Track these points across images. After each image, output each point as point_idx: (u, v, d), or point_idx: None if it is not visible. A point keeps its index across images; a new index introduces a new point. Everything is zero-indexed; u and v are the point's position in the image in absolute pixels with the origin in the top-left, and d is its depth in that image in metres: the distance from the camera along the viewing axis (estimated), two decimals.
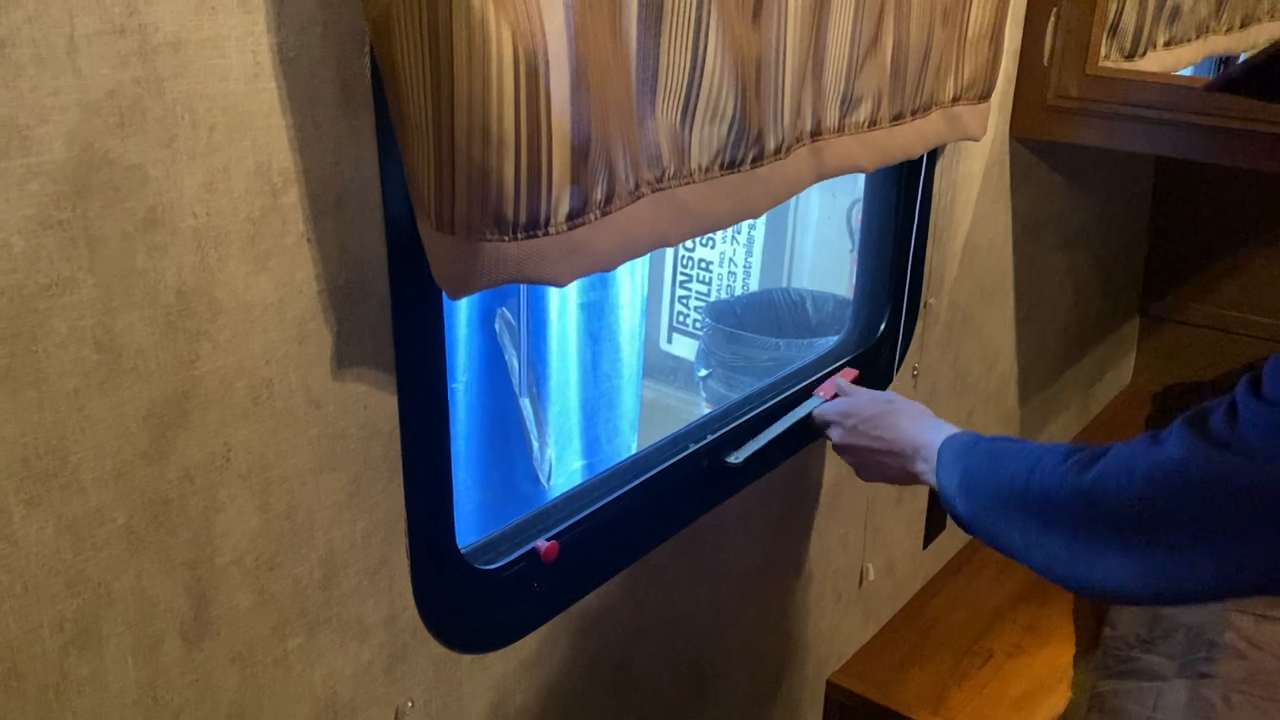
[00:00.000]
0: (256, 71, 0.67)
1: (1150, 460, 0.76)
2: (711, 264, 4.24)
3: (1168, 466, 0.74)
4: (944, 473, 1.05)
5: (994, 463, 0.96)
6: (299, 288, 0.73)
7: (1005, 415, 1.92)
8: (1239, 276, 2.36)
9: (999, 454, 0.96)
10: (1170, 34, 1.86)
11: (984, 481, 0.97)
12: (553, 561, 1.02)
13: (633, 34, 0.82)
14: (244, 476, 0.74)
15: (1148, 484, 0.75)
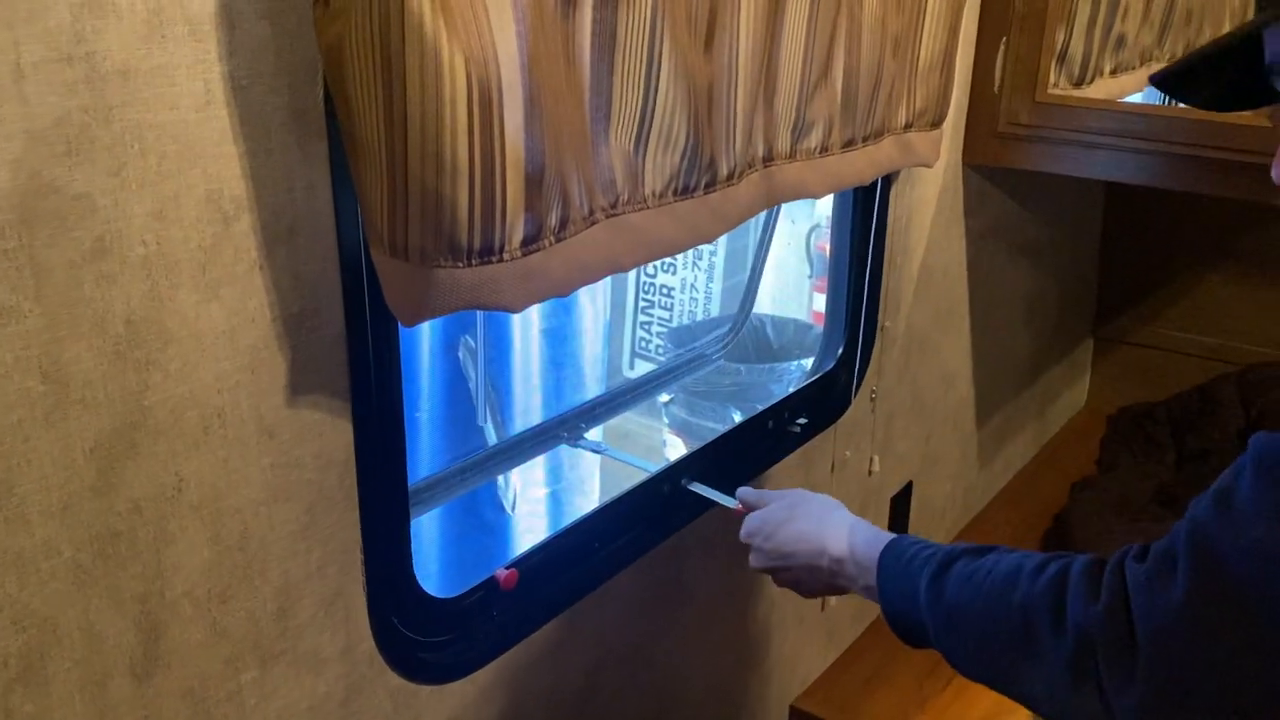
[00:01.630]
0: (208, 99, 0.67)
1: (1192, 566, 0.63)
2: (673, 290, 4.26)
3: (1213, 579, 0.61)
4: (892, 592, 0.88)
5: (987, 596, 0.78)
6: (251, 316, 0.73)
7: (963, 438, 1.94)
8: (1189, 299, 2.41)
9: (990, 581, 0.78)
10: (1116, 61, 1.91)
11: (978, 619, 0.79)
12: (512, 590, 1.01)
13: (586, 62, 0.83)
14: (195, 508, 0.73)
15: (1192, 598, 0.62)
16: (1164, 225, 2.37)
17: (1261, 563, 0.59)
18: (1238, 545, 0.60)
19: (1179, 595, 0.63)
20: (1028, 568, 0.75)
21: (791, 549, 0.98)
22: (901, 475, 1.74)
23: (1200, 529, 0.63)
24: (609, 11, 0.82)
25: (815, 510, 1.00)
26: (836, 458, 1.54)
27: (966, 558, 0.82)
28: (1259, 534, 0.59)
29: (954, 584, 0.80)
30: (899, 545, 0.89)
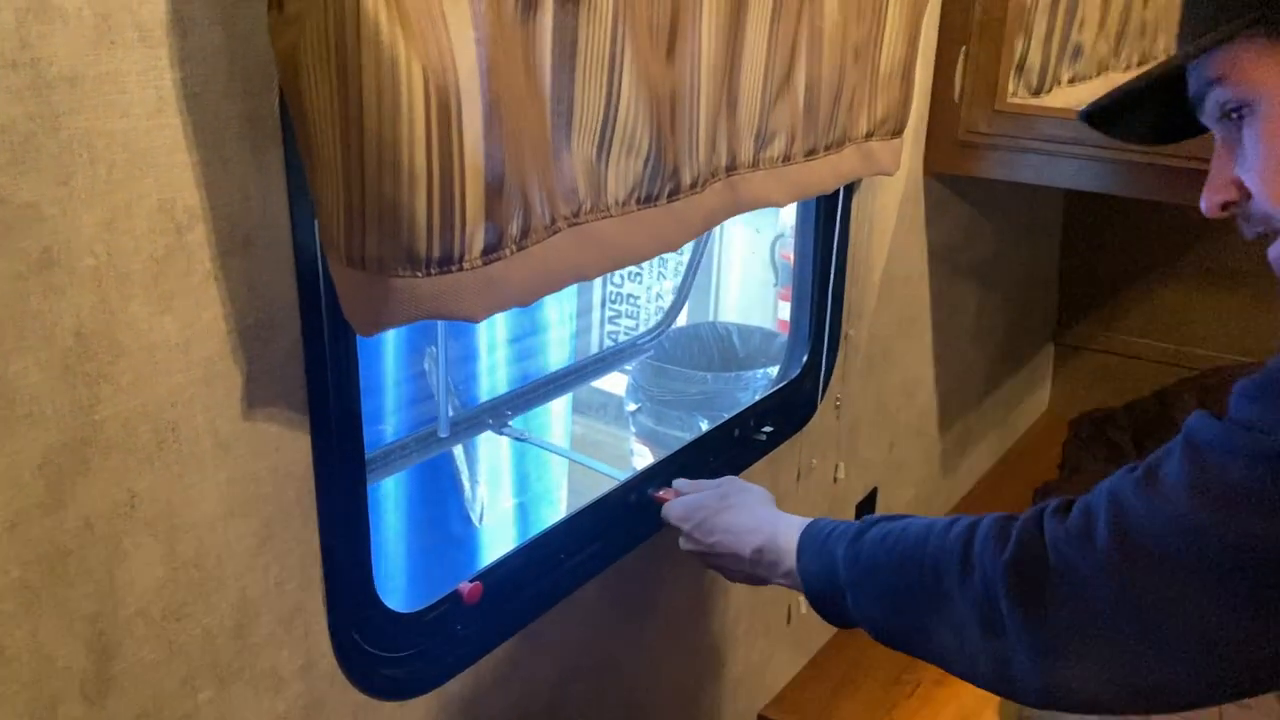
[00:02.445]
0: (159, 107, 0.66)
1: (1117, 534, 0.64)
2: (639, 299, 4.26)
3: (1144, 540, 0.63)
4: (811, 568, 0.89)
5: (900, 552, 0.80)
6: (205, 328, 0.71)
7: (926, 445, 1.95)
8: (1147, 305, 2.44)
9: (904, 538, 0.80)
10: (1074, 71, 1.93)
11: (892, 574, 0.80)
12: (476, 603, 1.00)
13: (547, 70, 0.82)
14: (149, 524, 0.71)
15: (1118, 564, 0.64)
16: (1122, 232, 2.40)
17: (1184, 534, 0.61)
18: (1157, 518, 0.62)
19: (1099, 554, 0.65)
20: (939, 525, 0.77)
21: (717, 538, 1.01)
22: (866, 482, 1.74)
23: (1120, 496, 0.65)
24: (569, 19, 0.82)
25: (745, 501, 1.03)
26: (802, 465, 1.54)
27: (882, 524, 0.84)
28: (1181, 509, 0.61)
29: (868, 547, 0.83)
30: (816, 525, 0.92)
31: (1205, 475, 0.61)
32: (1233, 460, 0.60)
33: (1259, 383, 0.62)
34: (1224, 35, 0.70)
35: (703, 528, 1.03)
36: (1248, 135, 0.71)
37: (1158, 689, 0.65)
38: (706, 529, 1.03)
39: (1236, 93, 0.71)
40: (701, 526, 1.03)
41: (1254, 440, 0.59)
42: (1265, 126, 0.70)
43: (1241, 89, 0.71)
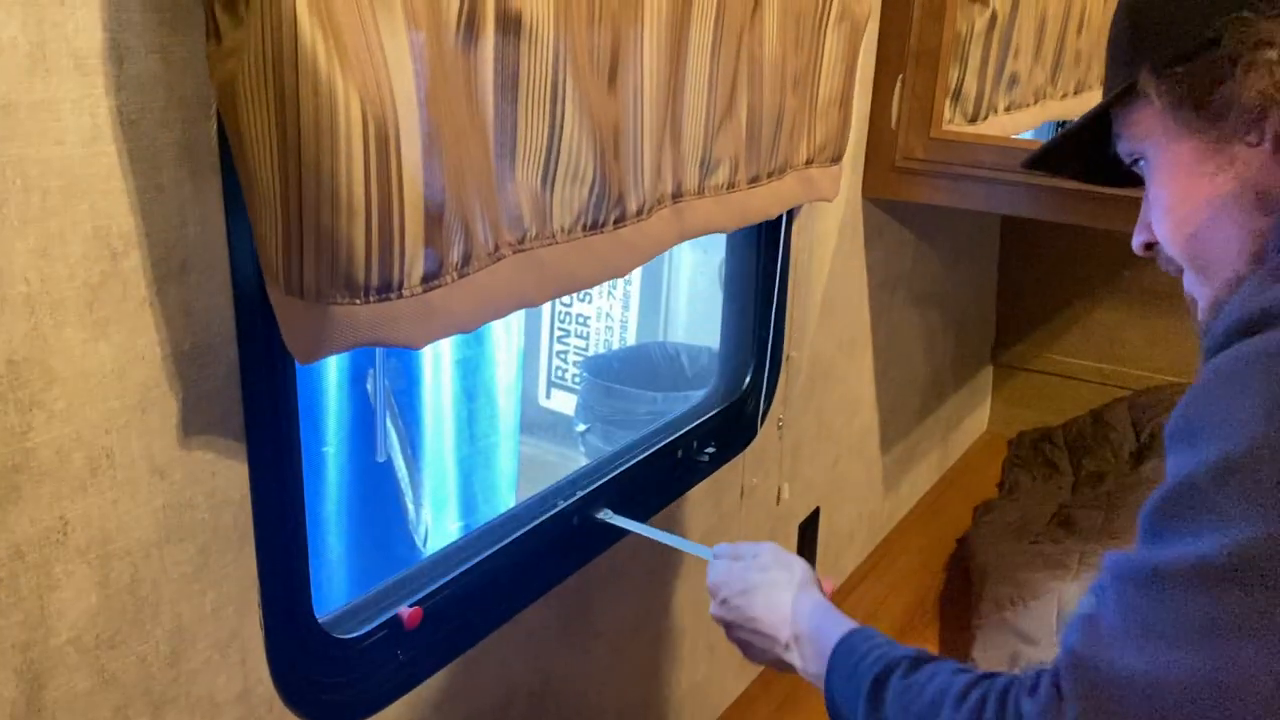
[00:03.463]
0: (95, 134, 0.66)
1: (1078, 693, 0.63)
2: (589, 319, 4.27)
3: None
4: (839, 692, 0.89)
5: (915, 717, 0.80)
6: (141, 354, 0.71)
7: (868, 464, 1.98)
8: (1082, 327, 2.51)
9: (915, 700, 0.80)
10: (1010, 99, 1.99)
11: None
12: (417, 627, 1.00)
13: (489, 100, 0.83)
14: (82, 551, 0.71)
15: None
16: (1057, 257, 2.47)
17: (1139, 689, 0.60)
18: (1114, 671, 0.61)
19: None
20: (952, 693, 0.76)
21: (756, 614, 0.99)
22: (809, 502, 1.77)
23: (1077, 659, 0.64)
24: (510, 49, 0.83)
25: (786, 579, 1.01)
26: (745, 486, 1.56)
27: (902, 672, 0.83)
28: (1129, 659, 0.60)
29: (889, 701, 0.82)
30: (851, 642, 0.90)
31: (1136, 613, 0.61)
32: (1157, 604, 0.59)
33: (1156, 510, 0.62)
34: (1109, 100, 0.77)
35: (744, 599, 1.01)
36: (1148, 182, 0.77)
37: None
38: (747, 603, 1.00)
39: (1130, 146, 0.77)
40: (743, 597, 1.01)
41: (1179, 565, 0.58)
42: (1154, 175, 0.76)
43: (1133, 144, 0.77)
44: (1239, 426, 0.57)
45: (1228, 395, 0.59)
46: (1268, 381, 0.57)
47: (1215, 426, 0.59)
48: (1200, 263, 0.74)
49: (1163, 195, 0.75)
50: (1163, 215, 0.75)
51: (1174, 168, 0.73)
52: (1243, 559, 0.55)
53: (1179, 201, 0.73)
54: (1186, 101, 0.70)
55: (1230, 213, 0.67)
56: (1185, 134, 0.72)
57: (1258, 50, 0.66)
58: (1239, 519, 0.56)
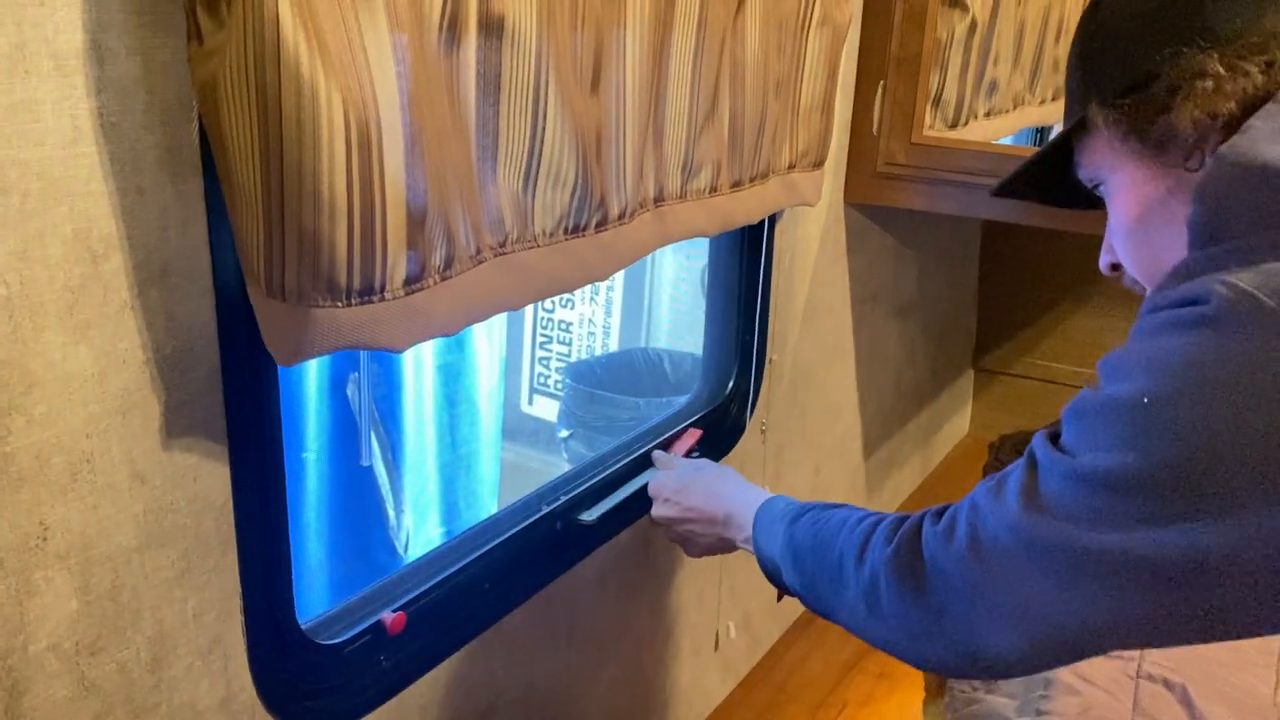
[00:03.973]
0: (75, 136, 0.65)
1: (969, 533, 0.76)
2: (571, 325, 4.27)
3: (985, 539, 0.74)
4: (762, 540, 1.03)
5: (820, 539, 0.94)
6: (122, 358, 0.71)
7: (850, 469, 1.99)
8: (1060, 331, 2.52)
9: (825, 526, 0.94)
10: (990, 105, 2.00)
11: (810, 556, 0.95)
12: (399, 633, 0.99)
13: (471, 102, 0.83)
14: (62, 557, 0.70)
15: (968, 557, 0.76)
16: (1037, 262, 2.48)
17: (1013, 533, 0.71)
18: (999, 519, 0.73)
19: (955, 550, 0.76)
20: (852, 519, 0.91)
21: (695, 503, 1.16)
22: None
23: (976, 501, 0.76)
24: (493, 53, 0.83)
25: (721, 474, 1.20)
26: None
27: (816, 510, 0.98)
28: (1013, 513, 0.71)
29: (801, 530, 0.98)
30: (772, 502, 1.06)
31: (1031, 487, 0.71)
32: (1050, 475, 0.70)
33: (1072, 408, 0.71)
34: (1066, 131, 0.81)
35: (682, 493, 1.18)
36: (1109, 208, 0.81)
37: (995, 659, 0.76)
38: (687, 496, 1.17)
39: (1089, 174, 0.82)
40: (682, 492, 1.18)
41: (1064, 460, 0.69)
42: (1111, 200, 0.80)
43: (1092, 171, 0.81)
44: (1129, 375, 0.66)
45: (1138, 350, 0.67)
46: (1159, 346, 0.65)
47: (1119, 370, 0.68)
48: (1154, 283, 0.76)
49: (1120, 220, 0.79)
50: (1122, 239, 0.80)
51: (1127, 194, 0.78)
52: (1103, 478, 0.66)
53: (1134, 226, 0.78)
54: (1131, 133, 0.75)
55: (1181, 235, 0.70)
56: (1135, 162, 0.76)
57: (1193, 81, 0.71)
58: (1108, 448, 0.66)
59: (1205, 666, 1.50)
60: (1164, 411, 0.64)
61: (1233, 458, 0.61)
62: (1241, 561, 0.62)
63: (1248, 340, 0.62)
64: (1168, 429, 0.63)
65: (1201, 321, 0.64)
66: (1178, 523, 0.63)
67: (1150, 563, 0.64)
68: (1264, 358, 0.61)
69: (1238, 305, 0.62)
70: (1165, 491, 0.63)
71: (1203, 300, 0.64)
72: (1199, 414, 0.62)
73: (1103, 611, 0.68)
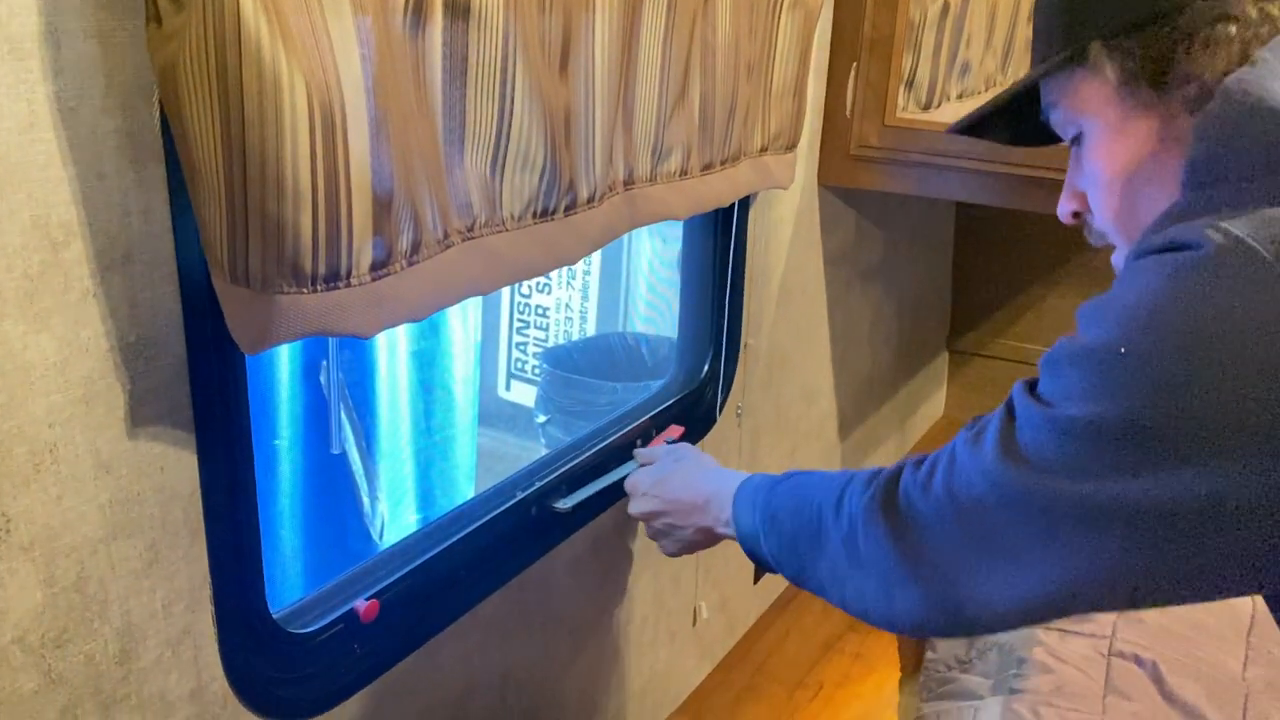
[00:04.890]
0: (31, 121, 0.64)
1: (947, 482, 0.74)
2: (548, 310, 4.26)
3: (963, 488, 0.73)
4: (741, 515, 1.01)
5: (798, 497, 0.93)
6: (84, 346, 0.70)
7: (827, 450, 1.99)
8: (1034, 313, 2.54)
9: (803, 486, 0.93)
10: (962, 87, 2.00)
11: (790, 517, 0.93)
12: (373, 621, 0.99)
13: (438, 84, 0.82)
14: (26, 548, 0.69)
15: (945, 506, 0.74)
16: (1010, 243, 2.49)
17: (990, 482, 0.70)
18: (976, 469, 0.72)
19: (933, 498, 0.75)
20: (831, 475, 0.90)
21: (675, 494, 1.14)
22: None
23: (955, 451, 0.75)
24: (459, 35, 0.82)
25: (696, 463, 1.18)
26: None
27: (795, 476, 0.97)
28: (989, 462, 0.70)
29: (779, 494, 0.97)
30: (751, 479, 1.04)
31: (1008, 436, 0.70)
32: (1026, 425, 0.68)
33: (1049, 357, 0.69)
34: (1049, 68, 0.75)
35: (662, 486, 1.16)
36: (1084, 152, 0.76)
37: (976, 613, 0.74)
38: (666, 488, 1.15)
39: (1068, 116, 0.76)
40: (661, 485, 1.16)
41: (1041, 410, 0.67)
42: (1092, 146, 0.75)
43: (1072, 114, 0.76)
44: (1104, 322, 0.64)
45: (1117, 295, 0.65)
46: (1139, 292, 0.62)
47: (1096, 317, 0.66)
48: (1131, 235, 0.74)
49: (1100, 167, 0.74)
50: (1100, 188, 0.75)
51: (1114, 143, 0.73)
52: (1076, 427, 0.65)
53: (1117, 177, 0.73)
54: (1140, 75, 0.69)
55: (1166, 185, 0.67)
56: (1130, 108, 0.71)
57: (1218, 25, 0.66)
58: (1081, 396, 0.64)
59: (1176, 644, 1.52)
60: (1142, 361, 0.61)
61: (1213, 411, 0.59)
62: (1219, 513, 0.60)
63: (1238, 293, 0.58)
64: (1146, 379, 0.61)
65: (1189, 267, 0.60)
66: (1154, 471, 0.61)
67: (1127, 512, 0.63)
68: (1257, 312, 0.58)
69: (1231, 254, 0.59)
70: (1142, 441, 0.61)
71: (1194, 245, 0.60)
72: (1179, 366, 0.59)
73: (1082, 563, 0.66)
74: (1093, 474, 0.64)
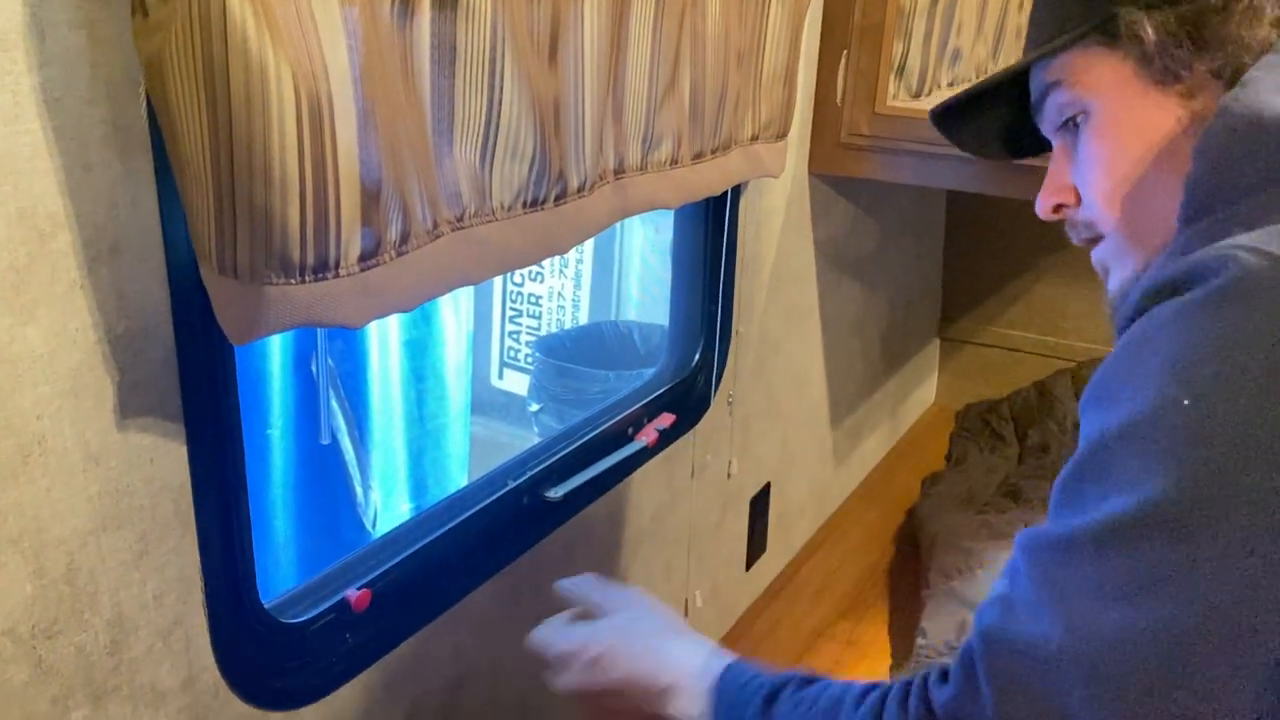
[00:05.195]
0: (17, 112, 0.64)
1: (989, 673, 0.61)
2: (541, 298, 4.25)
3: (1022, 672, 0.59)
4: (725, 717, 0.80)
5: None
6: (72, 338, 0.70)
7: (818, 439, 2.00)
8: (1026, 300, 2.54)
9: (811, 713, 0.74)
10: (953, 75, 2.00)
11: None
12: (365, 610, 0.99)
13: (426, 74, 0.82)
14: (15, 541, 0.69)
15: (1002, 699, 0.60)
16: (1001, 232, 2.50)
17: (1057, 657, 0.58)
18: (1029, 642, 0.59)
19: (987, 708, 0.61)
20: (848, 699, 0.73)
21: (621, 670, 0.86)
22: (759, 477, 1.78)
23: (989, 638, 0.62)
24: (447, 24, 0.82)
25: (641, 615, 0.91)
26: (696, 462, 1.56)
27: (793, 688, 0.78)
28: (1044, 627, 0.58)
29: (780, 716, 0.77)
30: (730, 674, 0.82)
31: (1044, 582, 0.59)
32: (1058, 559, 0.58)
33: (1065, 478, 0.61)
34: (1063, 43, 0.72)
35: (603, 658, 0.87)
36: (1083, 139, 0.73)
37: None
38: (608, 659, 0.87)
39: (1072, 95, 0.73)
40: (601, 657, 0.87)
41: (1074, 532, 0.58)
42: (1098, 130, 0.72)
43: (1077, 92, 0.72)
44: (1144, 387, 0.55)
45: (1138, 358, 0.57)
46: (1175, 341, 0.55)
47: (1122, 390, 0.57)
48: (1133, 227, 0.71)
49: (1103, 151, 0.71)
50: (1101, 174, 0.71)
51: (1127, 124, 0.70)
52: (1151, 515, 0.54)
53: (1123, 157, 0.70)
54: (1166, 47, 0.66)
55: (1177, 168, 0.63)
56: (1149, 84, 0.68)
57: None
58: (1145, 476, 0.54)
59: None
60: (1208, 411, 0.52)
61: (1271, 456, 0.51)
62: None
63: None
64: (1215, 430, 0.52)
65: (1222, 298, 0.54)
66: (1238, 551, 0.51)
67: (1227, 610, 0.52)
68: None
69: (1265, 273, 0.53)
70: (1224, 510, 0.52)
71: (1218, 272, 0.54)
72: (1243, 409, 0.51)
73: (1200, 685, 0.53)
74: (1167, 572, 0.53)
